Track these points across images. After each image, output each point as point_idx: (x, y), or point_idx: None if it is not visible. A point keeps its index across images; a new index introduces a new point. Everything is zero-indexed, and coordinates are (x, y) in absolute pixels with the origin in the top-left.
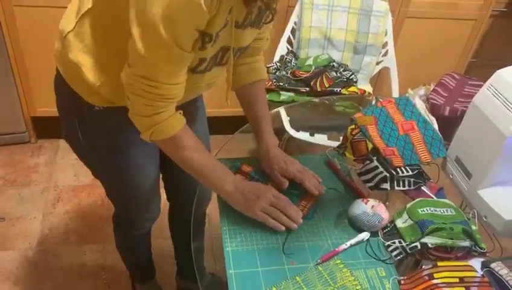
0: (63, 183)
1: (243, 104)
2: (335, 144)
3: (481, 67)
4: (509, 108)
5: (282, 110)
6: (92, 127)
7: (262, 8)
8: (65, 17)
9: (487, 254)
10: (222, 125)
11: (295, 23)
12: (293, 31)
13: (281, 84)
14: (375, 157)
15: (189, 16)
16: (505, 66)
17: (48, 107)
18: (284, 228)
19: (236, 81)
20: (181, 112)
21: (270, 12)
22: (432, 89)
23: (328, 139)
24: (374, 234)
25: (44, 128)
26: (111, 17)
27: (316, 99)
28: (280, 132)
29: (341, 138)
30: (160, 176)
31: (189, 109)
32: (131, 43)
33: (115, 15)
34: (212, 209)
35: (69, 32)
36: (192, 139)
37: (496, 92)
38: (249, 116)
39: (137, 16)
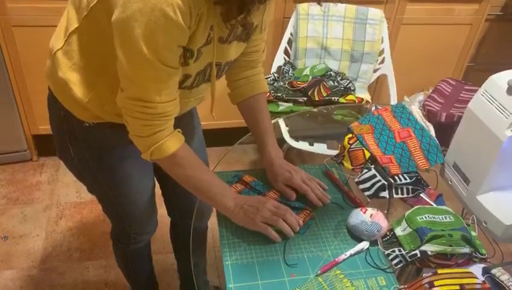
0: (65, 200)
1: (245, 117)
2: (334, 152)
3: (479, 71)
4: (504, 113)
5: (281, 121)
6: (83, 143)
7: (247, 23)
8: (54, 35)
9: (488, 260)
10: (223, 137)
11: (291, 34)
12: (289, 42)
13: (279, 95)
14: (372, 166)
15: (170, 33)
16: (503, 70)
17: (49, 125)
18: (279, 240)
19: (237, 95)
20: (179, 130)
21: (255, 26)
22: (428, 95)
23: (328, 148)
24: (373, 243)
25: (46, 146)
26: (96, 37)
27: (315, 109)
28: (279, 142)
29: (340, 146)
30: (160, 192)
31: (185, 121)
32: (119, 67)
33: (99, 35)
34: (215, 223)
35: (57, 50)
36: (191, 157)
37: (490, 97)
38: (252, 129)
39: (121, 40)
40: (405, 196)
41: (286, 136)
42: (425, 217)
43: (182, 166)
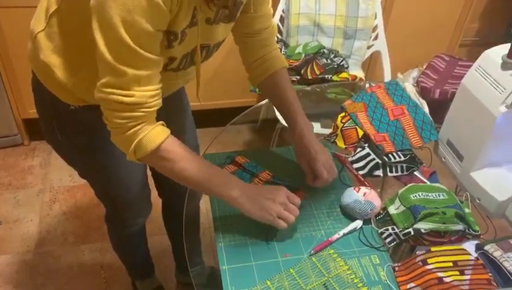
0: (59, 184)
1: (268, 97)
2: (328, 131)
3: (473, 46)
4: (498, 88)
5: None
6: (69, 126)
7: (237, 1)
8: (35, 17)
9: (481, 236)
10: (216, 118)
11: (283, 10)
12: (281, 19)
13: None
14: (366, 145)
15: (148, 15)
16: (498, 43)
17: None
18: (286, 226)
19: (255, 77)
20: (163, 123)
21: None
22: (421, 71)
23: (321, 126)
24: (366, 221)
25: (37, 129)
26: (76, 19)
27: (308, 88)
28: (273, 122)
29: (333, 125)
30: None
31: (174, 101)
32: (97, 53)
33: (79, 17)
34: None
35: (39, 32)
36: (181, 149)
37: (484, 72)
38: (278, 107)
39: (99, 22)
40: (399, 174)
41: (279, 115)
42: (418, 195)
43: (171, 160)
